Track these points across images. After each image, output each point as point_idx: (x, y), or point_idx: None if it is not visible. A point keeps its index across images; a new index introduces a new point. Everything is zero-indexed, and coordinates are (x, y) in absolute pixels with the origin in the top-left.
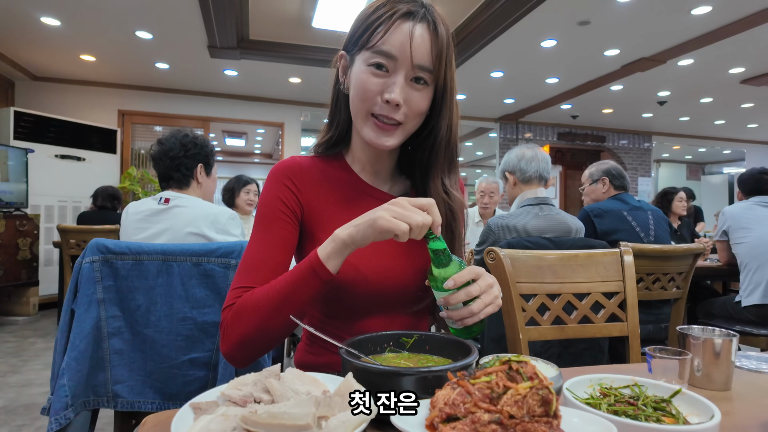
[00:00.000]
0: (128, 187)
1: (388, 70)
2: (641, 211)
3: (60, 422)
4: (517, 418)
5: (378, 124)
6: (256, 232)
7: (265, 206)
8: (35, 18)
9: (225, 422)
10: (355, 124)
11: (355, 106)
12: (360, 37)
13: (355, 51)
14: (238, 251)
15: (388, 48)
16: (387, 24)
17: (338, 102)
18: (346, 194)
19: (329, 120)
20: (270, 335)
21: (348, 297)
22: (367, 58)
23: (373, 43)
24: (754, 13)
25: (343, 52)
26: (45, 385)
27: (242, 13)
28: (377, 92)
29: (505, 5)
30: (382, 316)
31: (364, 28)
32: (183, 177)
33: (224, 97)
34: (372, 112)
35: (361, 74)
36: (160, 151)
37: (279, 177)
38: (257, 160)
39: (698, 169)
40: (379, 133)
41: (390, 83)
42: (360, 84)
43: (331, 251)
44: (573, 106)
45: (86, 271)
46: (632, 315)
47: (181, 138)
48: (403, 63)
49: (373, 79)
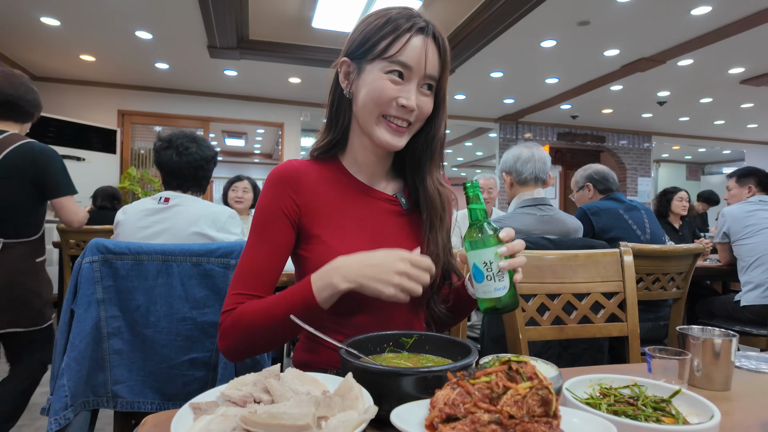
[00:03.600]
0: (128, 187)
1: (403, 78)
2: (635, 210)
3: (60, 422)
4: (516, 418)
5: (392, 125)
6: (253, 236)
7: (262, 211)
8: (35, 18)
9: (225, 422)
10: (365, 127)
11: (368, 109)
12: (374, 47)
13: (367, 59)
14: (237, 251)
15: (406, 59)
16: (405, 37)
17: (339, 106)
18: (343, 194)
19: (328, 123)
20: (265, 347)
21: (347, 294)
22: (384, 67)
23: (392, 53)
24: (754, 13)
25: (346, 59)
26: (44, 385)
27: (242, 13)
28: (394, 98)
29: (505, 5)
30: (381, 311)
31: (378, 39)
32: (201, 185)
33: (224, 97)
34: (384, 115)
35: (379, 81)
36: (191, 161)
37: (276, 182)
38: (257, 160)
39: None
40: (394, 135)
41: (405, 90)
42: (377, 90)
43: (328, 296)
44: (573, 106)
45: (86, 271)
46: (632, 315)
47: (207, 146)
48: (417, 73)
49: (391, 86)
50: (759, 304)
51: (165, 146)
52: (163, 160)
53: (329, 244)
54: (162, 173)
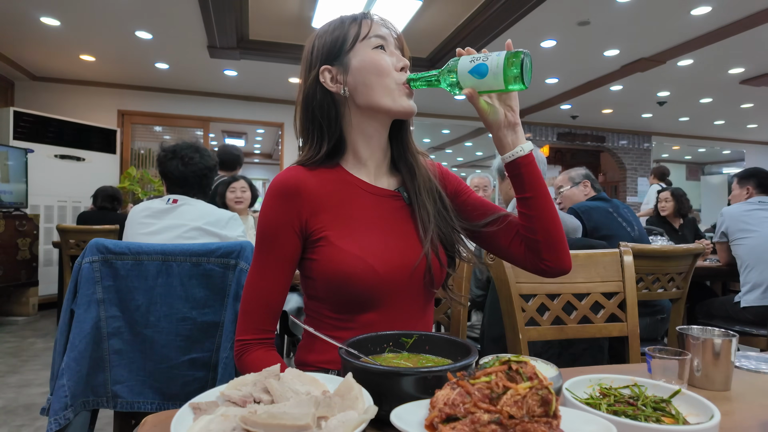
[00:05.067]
0: (128, 188)
1: (385, 49)
2: (622, 208)
3: (59, 422)
4: (516, 418)
5: (405, 87)
6: (259, 252)
7: (266, 225)
8: (35, 18)
9: (224, 422)
10: (379, 105)
11: (377, 85)
12: (346, 39)
13: (346, 51)
14: (237, 251)
15: (379, 32)
16: (365, 20)
17: (325, 115)
18: (347, 194)
19: (314, 141)
20: None
21: (355, 290)
22: (368, 45)
23: (365, 33)
24: (754, 13)
25: (325, 66)
26: (44, 385)
27: (242, 13)
28: (392, 63)
29: (505, 5)
30: (389, 309)
31: (346, 31)
32: (205, 192)
33: (224, 97)
34: (395, 84)
35: (370, 57)
36: (196, 170)
37: (278, 194)
38: (257, 160)
39: (698, 169)
40: (408, 98)
41: (395, 55)
42: (373, 64)
43: None
44: (573, 106)
45: (86, 271)
46: (632, 315)
47: (208, 155)
48: (391, 42)
49: (383, 55)
50: (759, 305)
51: (170, 156)
52: (169, 170)
53: (337, 245)
54: (167, 182)
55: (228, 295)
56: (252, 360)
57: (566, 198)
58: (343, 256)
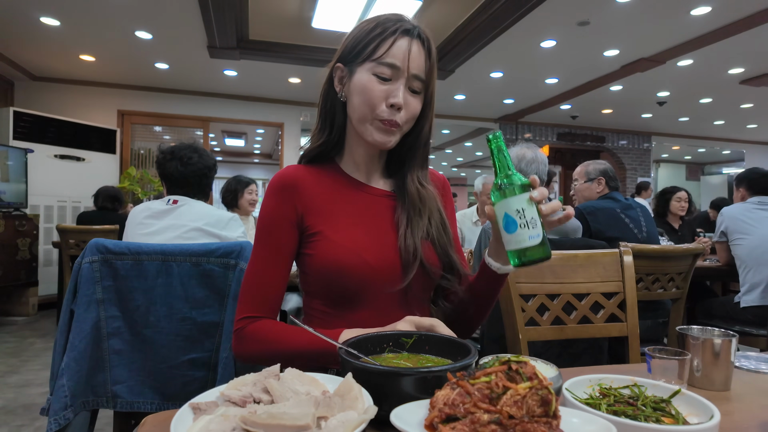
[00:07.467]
0: (128, 188)
1: (390, 79)
2: (632, 209)
3: (59, 422)
4: (516, 418)
5: (382, 124)
6: (258, 244)
7: (265, 218)
8: (35, 18)
9: (224, 422)
10: (359, 128)
11: (360, 111)
12: (363, 50)
13: (357, 62)
14: (237, 251)
15: (392, 60)
16: (390, 39)
17: (333, 107)
18: (342, 192)
19: (321, 123)
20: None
21: (349, 282)
22: (372, 68)
23: (378, 55)
24: (754, 13)
25: (339, 64)
26: (44, 385)
27: (242, 13)
28: (382, 98)
29: (504, 5)
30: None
31: (367, 42)
32: (205, 192)
33: (224, 97)
34: (375, 117)
35: (367, 83)
36: (196, 171)
37: (277, 189)
38: (257, 160)
39: (698, 169)
40: (383, 134)
41: (393, 89)
42: (367, 91)
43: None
44: (572, 106)
45: (86, 271)
46: (632, 315)
47: (207, 155)
48: (403, 73)
49: (379, 86)
50: (758, 305)
51: (169, 158)
52: (169, 171)
53: (331, 239)
54: (166, 183)
55: (228, 295)
56: (255, 328)
57: (578, 192)
58: (338, 250)
